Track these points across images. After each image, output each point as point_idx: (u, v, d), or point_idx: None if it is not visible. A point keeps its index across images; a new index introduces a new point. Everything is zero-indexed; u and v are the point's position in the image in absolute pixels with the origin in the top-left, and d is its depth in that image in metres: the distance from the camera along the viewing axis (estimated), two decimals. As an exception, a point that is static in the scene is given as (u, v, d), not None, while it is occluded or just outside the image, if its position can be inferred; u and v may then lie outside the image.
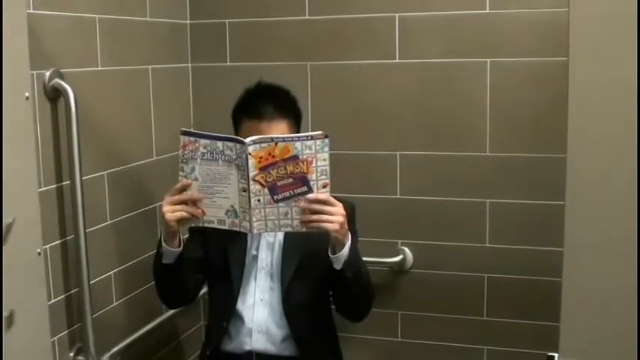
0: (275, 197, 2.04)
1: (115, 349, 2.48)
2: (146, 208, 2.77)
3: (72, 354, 2.35)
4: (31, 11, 2.11)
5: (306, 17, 2.91)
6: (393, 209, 2.94)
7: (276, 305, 2.35)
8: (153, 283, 2.81)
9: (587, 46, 1.38)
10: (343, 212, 2.09)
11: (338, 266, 2.16)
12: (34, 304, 1.76)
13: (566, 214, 1.43)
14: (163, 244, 2.20)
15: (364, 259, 2.46)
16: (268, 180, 2.02)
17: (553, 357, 1.46)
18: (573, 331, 1.45)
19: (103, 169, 2.50)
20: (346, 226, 2.12)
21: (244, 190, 2.04)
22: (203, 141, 2.06)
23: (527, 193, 2.78)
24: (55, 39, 2.26)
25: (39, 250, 1.75)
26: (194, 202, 2.10)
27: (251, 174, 2.01)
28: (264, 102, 2.28)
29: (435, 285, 2.94)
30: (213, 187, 2.08)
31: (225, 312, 2.32)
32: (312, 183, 2.04)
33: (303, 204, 2.05)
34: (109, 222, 2.54)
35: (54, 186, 2.27)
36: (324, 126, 2.94)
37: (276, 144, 2.01)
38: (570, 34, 1.39)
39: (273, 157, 2.01)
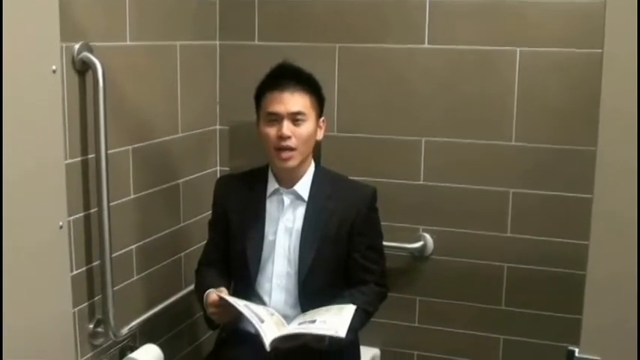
0: None
1: (133, 323, 2.51)
2: (170, 184, 2.78)
3: (91, 325, 2.38)
4: (62, -17, 2.12)
5: (336, -2, 2.90)
6: (415, 195, 2.93)
7: (293, 290, 2.36)
8: (172, 259, 2.83)
9: (624, 38, 1.36)
10: None
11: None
12: (56, 275, 1.77)
13: (594, 208, 1.41)
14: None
15: (385, 244, 2.47)
16: None
17: (573, 352, 1.44)
18: (595, 326, 1.43)
19: (128, 143, 2.51)
20: None
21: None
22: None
23: (551, 185, 2.76)
24: (84, 12, 2.25)
25: (61, 224, 1.76)
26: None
27: None
28: (287, 76, 2.31)
29: (455, 272, 2.93)
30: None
31: (243, 295, 2.33)
32: None
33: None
34: (133, 196, 2.56)
35: (79, 159, 2.28)
36: (350, 109, 2.94)
37: None
38: (606, 25, 1.36)
39: None
